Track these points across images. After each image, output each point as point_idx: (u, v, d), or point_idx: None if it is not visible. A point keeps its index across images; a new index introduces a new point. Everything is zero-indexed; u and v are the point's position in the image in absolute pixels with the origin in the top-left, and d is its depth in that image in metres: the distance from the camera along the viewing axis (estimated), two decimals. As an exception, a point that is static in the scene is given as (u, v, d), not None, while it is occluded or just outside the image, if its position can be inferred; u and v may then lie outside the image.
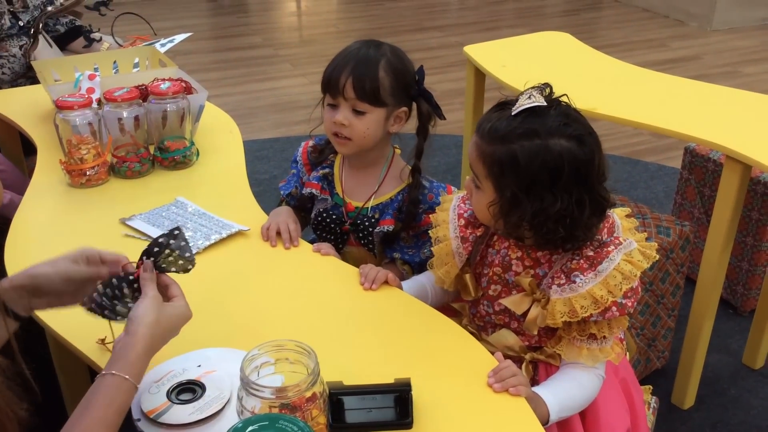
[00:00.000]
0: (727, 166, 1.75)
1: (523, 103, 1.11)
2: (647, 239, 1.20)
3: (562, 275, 1.14)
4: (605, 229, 1.17)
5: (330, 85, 1.40)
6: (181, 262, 1.03)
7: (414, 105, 1.46)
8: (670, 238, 1.89)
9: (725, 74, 4.46)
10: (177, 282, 1.03)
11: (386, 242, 1.49)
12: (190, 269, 1.04)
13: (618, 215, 1.21)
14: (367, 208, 1.48)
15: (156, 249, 1.02)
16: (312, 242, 1.52)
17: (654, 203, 3.01)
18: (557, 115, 1.10)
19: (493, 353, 1.24)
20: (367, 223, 1.47)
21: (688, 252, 1.95)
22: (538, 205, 1.08)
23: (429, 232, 1.31)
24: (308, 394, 0.89)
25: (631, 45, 5.05)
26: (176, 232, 1.03)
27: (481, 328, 1.29)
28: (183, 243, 1.03)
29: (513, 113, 1.11)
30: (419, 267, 1.47)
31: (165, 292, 1.01)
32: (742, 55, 4.86)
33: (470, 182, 1.19)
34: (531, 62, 2.38)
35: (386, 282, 1.28)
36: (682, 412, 1.99)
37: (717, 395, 2.05)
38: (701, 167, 2.32)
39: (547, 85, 1.15)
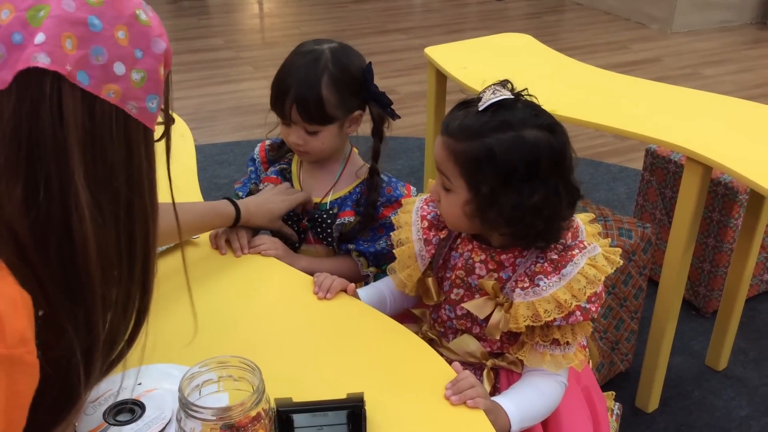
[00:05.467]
0: (688, 168, 1.74)
1: (490, 98, 1.09)
2: (610, 242, 1.19)
3: (526, 278, 1.11)
4: (569, 233, 1.15)
5: (276, 110, 1.38)
6: None
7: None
8: (632, 240, 1.87)
9: (685, 76, 4.50)
10: None
11: (344, 238, 1.46)
12: None
13: (582, 220, 1.20)
14: (326, 203, 1.45)
15: None
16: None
17: (616, 205, 3.01)
18: (525, 107, 1.09)
19: (452, 360, 1.21)
20: (325, 217, 1.45)
21: (650, 254, 1.94)
22: (516, 198, 1.06)
23: (391, 234, 1.28)
24: (253, 413, 0.84)
25: (592, 47, 5.08)
26: None
27: (442, 333, 1.26)
28: None
29: (480, 109, 1.09)
30: (374, 258, 1.45)
31: None
32: (702, 57, 4.92)
33: (438, 186, 1.15)
34: (492, 64, 2.36)
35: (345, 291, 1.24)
36: (646, 415, 1.98)
37: (681, 398, 2.04)
38: (662, 169, 2.32)
39: (507, 81, 1.14)
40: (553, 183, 1.07)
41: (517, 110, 1.09)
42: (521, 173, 1.06)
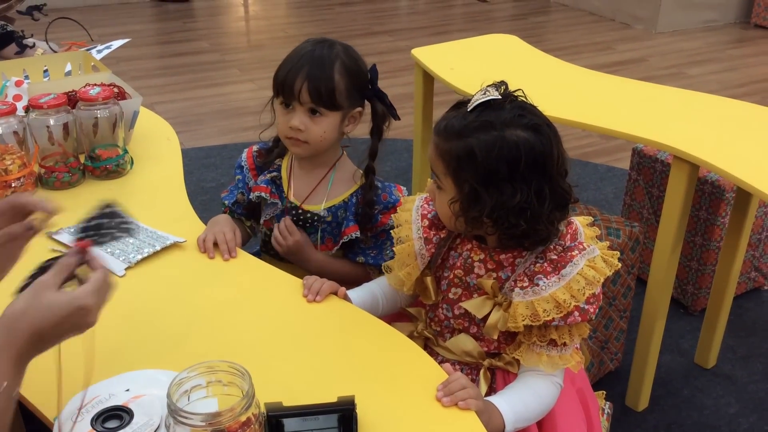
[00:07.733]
0: (675, 166, 1.74)
1: (478, 98, 1.10)
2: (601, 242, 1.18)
3: (525, 278, 1.11)
4: (568, 235, 1.15)
5: (284, 89, 1.36)
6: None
7: (367, 104, 1.43)
8: (620, 240, 1.88)
9: (671, 76, 4.53)
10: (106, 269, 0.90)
11: (348, 247, 1.46)
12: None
13: (580, 223, 1.19)
14: (320, 210, 1.45)
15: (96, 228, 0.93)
16: (255, 254, 1.46)
17: (604, 205, 3.02)
18: (513, 108, 1.09)
19: (449, 360, 1.21)
20: (317, 224, 1.44)
21: (638, 253, 1.95)
22: (498, 198, 1.06)
23: (391, 232, 1.28)
24: (243, 418, 0.83)
25: (578, 48, 5.10)
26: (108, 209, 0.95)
27: (438, 333, 1.25)
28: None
29: (468, 109, 1.10)
30: None
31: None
32: (687, 56, 4.96)
33: (432, 185, 1.17)
34: (479, 65, 2.36)
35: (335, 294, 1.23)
36: (636, 414, 1.98)
37: (670, 396, 2.05)
38: (649, 168, 2.33)
39: (502, 82, 1.14)
40: (537, 184, 1.07)
41: (504, 110, 1.09)
42: (501, 173, 1.06)
